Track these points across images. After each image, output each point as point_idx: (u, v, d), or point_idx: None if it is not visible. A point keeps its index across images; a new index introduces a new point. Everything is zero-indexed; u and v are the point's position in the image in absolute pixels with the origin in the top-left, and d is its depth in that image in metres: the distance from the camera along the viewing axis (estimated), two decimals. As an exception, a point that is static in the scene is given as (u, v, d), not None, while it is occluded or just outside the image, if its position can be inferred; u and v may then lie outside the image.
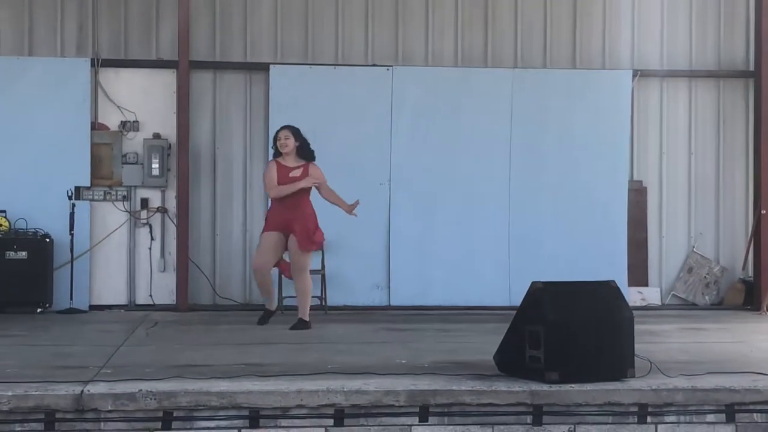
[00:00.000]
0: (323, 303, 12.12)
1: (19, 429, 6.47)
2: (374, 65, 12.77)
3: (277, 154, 10.27)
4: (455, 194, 12.70)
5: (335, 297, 12.33)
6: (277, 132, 10.35)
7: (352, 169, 12.58)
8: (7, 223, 11.79)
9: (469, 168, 12.70)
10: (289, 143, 10.19)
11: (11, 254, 11.59)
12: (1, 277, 11.52)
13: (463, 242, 12.62)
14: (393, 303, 12.55)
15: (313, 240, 10.25)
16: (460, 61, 12.95)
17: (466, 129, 12.71)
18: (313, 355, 8.30)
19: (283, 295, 12.04)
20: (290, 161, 10.23)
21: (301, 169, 10.22)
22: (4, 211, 11.85)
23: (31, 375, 7.06)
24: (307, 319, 10.29)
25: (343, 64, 12.73)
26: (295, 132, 10.26)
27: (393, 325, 10.80)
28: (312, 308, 11.99)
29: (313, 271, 12.07)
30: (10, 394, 6.48)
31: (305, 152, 10.26)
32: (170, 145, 12.41)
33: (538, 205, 12.76)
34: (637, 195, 13.14)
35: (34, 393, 6.51)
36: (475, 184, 12.70)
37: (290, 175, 10.19)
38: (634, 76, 13.02)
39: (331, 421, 6.71)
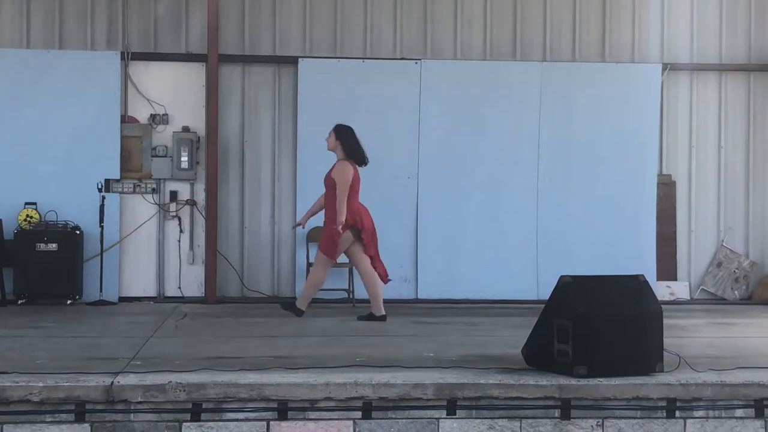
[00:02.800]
0: (351, 296, 12.14)
1: (49, 419, 6.54)
2: (403, 59, 12.77)
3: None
4: (483, 188, 12.69)
5: (363, 290, 12.27)
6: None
7: (380, 162, 12.54)
8: (37, 215, 11.87)
9: (497, 161, 12.68)
10: (328, 141, 10.62)
11: (42, 246, 11.66)
12: (31, 268, 11.60)
13: (491, 236, 12.61)
14: (421, 296, 12.56)
15: (327, 241, 10.47)
16: (488, 54, 12.91)
17: (495, 122, 12.69)
18: (341, 348, 8.33)
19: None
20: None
21: (333, 167, 10.64)
22: (35, 204, 11.93)
23: (61, 366, 7.12)
24: (300, 306, 10.61)
25: (371, 57, 12.73)
26: (336, 130, 10.63)
27: (421, 319, 10.81)
28: (339, 301, 12.13)
29: (340, 264, 12.14)
30: (41, 385, 6.55)
31: (347, 150, 10.58)
32: (199, 138, 12.46)
33: (567, 198, 12.73)
34: (666, 189, 13.07)
35: (64, 384, 6.57)
36: (503, 177, 12.68)
37: (328, 172, 10.69)
38: (663, 69, 12.95)
39: (359, 414, 6.74)
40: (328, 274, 10.69)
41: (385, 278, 10.64)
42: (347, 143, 10.51)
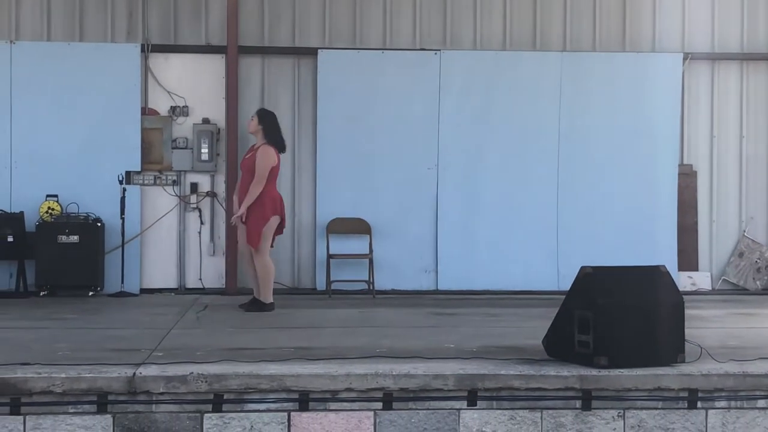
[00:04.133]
0: (371, 287, 12.15)
1: (72, 411, 6.58)
2: (422, 49, 12.75)
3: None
4: (503, 178, 12.67)
5: (383, 281, 12.35)
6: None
7: (399, 153, 12.59)
8: (59, 208, 11.92)
9: (517, 152, 12.65)
10: (251, 124, 10.54)
11: (63, 238, 11.71)
12: (53, 260, 11.65)
13: (511, 226, 12.59)
14: (441, 287, 12.55)
15: (253, 233, 10.24)
16: (508, 44, 12.88)
17: (515, 113, 12.66)
18: (361, 339, 8.34)
19: (331, 279, 12.11)
20: (255, 143, 10.53)
21: (254, 152, 10.44)
22: (56, 196, 11.98)
23: (83, 358, 7.16)
24: (266, 301, 10.36)
25: (390, 48, 12.72)
26: (262, 114, 10.50)
27: (441, 309, 10.81)
28: (360, 292, 12.14)
29: (360, 256, 12.19)
30: (63, 376, 6.58)
31: (270, 136, 10.42)
32: (219, 129, 12.48)
33: (587, 189, 12.69)
34: (687, 179, 13.02)
35: (86, 375, 6.60)
36: (523, 168, 12.65)
37: (245, 157, 10.58)
38: (684, 59, 12.89)
39: (379, 405, 6.75)
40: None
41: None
42: (269, 128, 10.38)
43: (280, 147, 10.47)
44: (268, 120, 10.45)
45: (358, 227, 12.41)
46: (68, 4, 12.44)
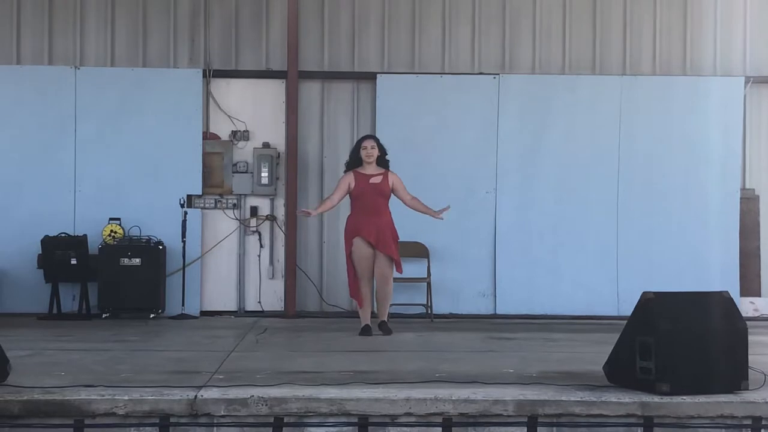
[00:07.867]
0: (429, 311, 12.15)
1: (134, 432, 6.64)
2: (481, 73, 12.76)
3: (357, 163, 10.45)
4: (562, 202, 12.62)
5: (441, 305, 12.35)
6: (363, 141, 10.58)
7: (458, 177, 12.60)
8: (121, 231, 12.08)
9: (576, 176, 12.60)
10: (374, 153, 10.43)
11: (125, 261, 11.86)
12: (115, 283, 11.81)
13: (570, 250, 12.53)
14: (499, 311, 12.51)
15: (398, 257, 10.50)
16: (567, 68, 12.86)
17: (574, 137, 12.63)
18: (420, 363, 8.33)
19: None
20: (370, 169, 10.43)
21: (381, 176, 10.43)
22: (119, 219, 12.14)
23: (145, 380, 7.23)
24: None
25: (449, 72, 12.75)
26: (379, 142, 10.57)
27: (499, 334, 10.77)
28: (417, 316, 12.14)
29: (418, 279, 12.19)
30: (126, 398, 6.65)
31: (384, 161, 10.54)
32: (279, 154, 12.59)
33: (648, 213, 12.61)
34: (750, 203, 12.88)
35: (149, 398, 6.66)
36: (582, 191, 12.60)
37: (370, 182, 10.41)
38: (746, 82, 12.77)
39: (439, 430, 6.73)
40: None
41: None
42: (384, 155, 10.55)
43: None
44: (384, 147, 10.58)
45: (416, 251, 12.42)
46: (131, 30, 12.64)
